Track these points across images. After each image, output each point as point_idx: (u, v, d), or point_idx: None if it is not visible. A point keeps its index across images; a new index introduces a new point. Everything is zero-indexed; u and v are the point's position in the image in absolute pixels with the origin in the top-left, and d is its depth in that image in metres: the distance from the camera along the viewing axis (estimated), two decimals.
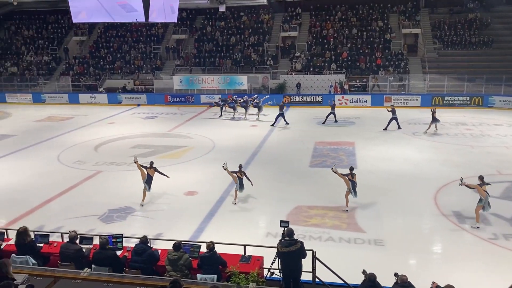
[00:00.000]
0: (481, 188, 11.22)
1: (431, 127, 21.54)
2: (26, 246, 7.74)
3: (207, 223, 11.80)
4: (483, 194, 11.16)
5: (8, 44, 40.68)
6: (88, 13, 14.43)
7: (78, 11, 14.45)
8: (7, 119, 28.02)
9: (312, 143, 19.91)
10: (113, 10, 14.23)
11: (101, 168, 16.93)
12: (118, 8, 14.24)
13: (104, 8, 14.06)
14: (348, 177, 12.46)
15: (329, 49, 34.48)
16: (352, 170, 12.66)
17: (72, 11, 14.48)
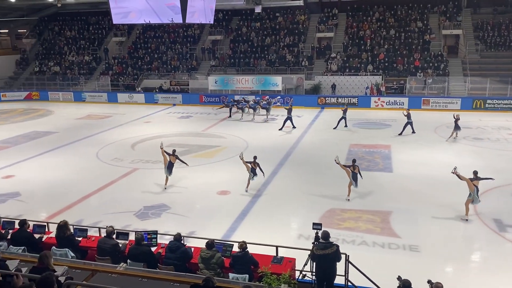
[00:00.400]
0: (470, 182, 11.74)
1: (453, 134, 20.36)
2: (66, 240, 8.02)
3: (240, 223, 11.86)
4: (471, 188, 11.70)
5: (52, 45, 42.31)
6: (137, 14, 14.78)
7: (127, 11, 14.80)
8: (50, 116, 29.15)
9: (347, 146, 19.65)
10: (161, 11, 14.53)
11: (137, 165, 17.33)
12: (166, 10, 14.52)
13: (152, 9, 14.37)
14: (350, 168, 13.22)
15: (365, 50, 33.94)
16: (355, 162, 13.39)
17: (115, 12, 14.90)
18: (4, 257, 6.51)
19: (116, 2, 14.75)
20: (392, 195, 13.78)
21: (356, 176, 13.25)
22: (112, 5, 15.38)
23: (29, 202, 13.71)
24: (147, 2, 14.29)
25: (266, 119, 25.90)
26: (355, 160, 13.66)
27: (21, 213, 12.26)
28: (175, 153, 14.55)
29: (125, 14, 14.95)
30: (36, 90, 36.68)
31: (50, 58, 40.76)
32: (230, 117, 26.79)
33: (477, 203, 11.92)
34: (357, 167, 13.29)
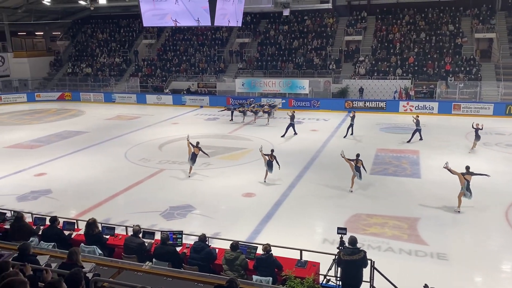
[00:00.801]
0: (462, 176, 12.48)
1: (474, 145, 19.07)
2: (94, 237, 8.21)
3: (264, 226, 11.85)
4: (461, 182, 12.45)
5: (84, 47, 43.49)
6: (173, 16, 15.00)
7: (164, 13, 15.03)
8: (81, 116, 29.93)
9: (374, 150, 19.37)
10: (197, 14, 14.72)
11: (164, 166, 17.57)
12: (202, 12, 14.70)
13: (189, 11, 14.57)
14: (353, 162, 14.19)
15: (394, 54, 33.42)
16: (358, 157, 14.29)
17: (149, 14, 15.19)
18: (35, 252, 6.72)
19: (154, 4, 14.99)
20: (420, 201, 13.50)
21: (359, 169, 14.17)
22: (149, 7, 15.62)
23: (59, 199, 14.11)
24: (184, 5, 14.49)
25: (267, 123, 25.76)
26: (358, 154, 14.48)
27: (52, 210, 12.63)
28: (198, 145, 15.98)
29: (161, 16, 15.19)
30: (69, 90, 37.78)
31: (83, 60, 41.90)
32: (232, 120, 26.70)
33: (469, 197, 12.38)
34: (360, 161, 14.16)
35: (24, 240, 7.75)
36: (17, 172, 17.04)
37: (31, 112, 31.76)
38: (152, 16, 15.87)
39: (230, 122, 26.27)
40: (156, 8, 15.28)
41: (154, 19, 15.77)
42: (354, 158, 14.27)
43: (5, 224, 9.32)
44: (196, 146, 15.91)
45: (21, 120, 28.80)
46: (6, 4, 36.31)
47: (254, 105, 27.63)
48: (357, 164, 14.19)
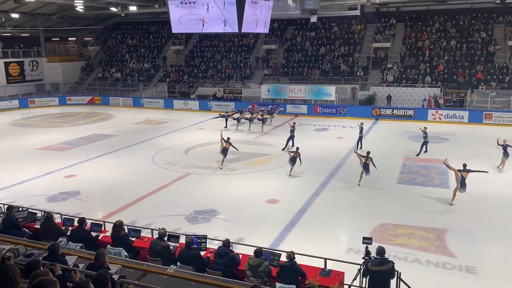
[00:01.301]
0: (457, 172, 13.54)
1: (502, 162, 17.38)
2: (120, 239, 8.35)
3: (288, 233, 11.79)
4: (457, 177, 13.52)
5: (114, 52, 44.53)
6: (209, 22, 15.17)
7: (199, 18, 15.19)
8: (110, 120, 30.59)
9: (401, 159, 19.04)
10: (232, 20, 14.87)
11: (190, 170, 17.74)
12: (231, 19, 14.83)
13: (225, 18, 14.70)
14: (363, 159, 15.48)
15: (424, 61, 32.84)
16: (368, 154, 15.60)
17: (172, 21, 15.43)
18: (64, 252, 6.88)
19: (190, 9, 15.18)
20: (448, 212, 13.18)
21: (367, 166, 15.42)
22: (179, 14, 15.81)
23: (87, 201, 14.43)
24: (221, 11, 14.65)
25: (262, 131, 25.34)
26: (369, 152, 15.89)
27: (80, 211, 12.93)
28: (229, 140, 18.10)
29: (196, 21, 15.35)
30: (99, 95, 38.70)
31: (113, 65, 42.88)
32: (226, 127, 26.07)
33: (462, 192, 13.46)
34: (369, 159, 15.45)
35: (53, 240, 7.95)
36: (47, 173, 17.53)
37: (62, 115, 32.68)
38: (189, 21, 16.08)
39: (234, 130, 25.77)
40: (192, 13, 15.49)
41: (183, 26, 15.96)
42: (365, 155, 15.62)
43: (35, 224, 9.60)
44: (227, 141, 17.93)
45: (52, 122, 29.66)
46: (41, 11, 37.61)
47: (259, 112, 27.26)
48: (366, 161, 15.43)
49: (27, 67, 41.19)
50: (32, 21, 39.77)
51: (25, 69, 40.97)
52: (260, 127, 25.77)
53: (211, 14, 14.75)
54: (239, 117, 26.13)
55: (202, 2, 14.65)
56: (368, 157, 15.48)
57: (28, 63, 41.27)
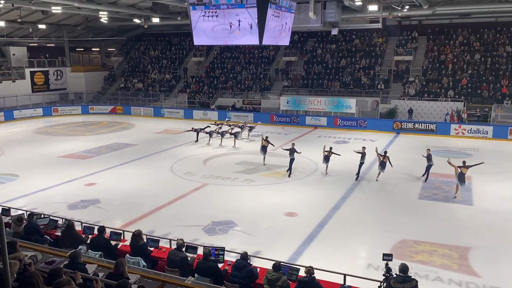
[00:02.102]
0: (457, 168, 15.49)
1: None
2: (139, 249, 8.37)
3: (306, 247, 11.64)
4: (455, 172, 15.53)
5: (137, 63, 45.30)
6: (242, 32, 15.37)
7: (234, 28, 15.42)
8: (131, 129, 30.99)
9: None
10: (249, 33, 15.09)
11: (208, 181, 17.77)
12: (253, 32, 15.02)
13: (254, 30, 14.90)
14: (381, 157, 17.42)
15: (446, 75, 32.39)
16: (386, 153, 17.56)
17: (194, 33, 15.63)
18: (84, 261, 6.92)
19: (224, 18, 15.40)
20: (471, 230, 12.83)
21: (384, 164, 17.27)
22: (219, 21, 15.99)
23: (107, 209, 14.56)
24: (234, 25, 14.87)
25: (234, 145, 24.13)
26: (386, 151, 17.87)
27: (100, 219, 13.03)
28: (267, 138, 20.31)
29: (230, 31, 15.59)
30: (121, 104, 39.31)
31: (135, 75, 43.60)
32: (197, 141, 25.09)
33: (462, 185, 15.37)
34: (387, 157, 17.26)
35: (73, 248, 8.02)
36: (69, 181, 17.80)
37: (85, 124, 33.26)
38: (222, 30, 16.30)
39: (206, 145, 24.53)
40: (224, 22, 15.71)
41: (228, 32, 16.17)
42: (383, 154, 17.52)
43: (56, 231, 9.71)
44: (265, 139, 20.24)
45: (75, 131, 30.20)
46: (67, 22, 38.63)
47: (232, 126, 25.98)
48: (384, 160, 17.17)
49: (52, 76, 42.21)
50: (57, 32, 40.87)
51: (50, 78, 41.98)
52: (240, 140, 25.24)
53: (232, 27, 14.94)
54: (211, 131, 24.97)
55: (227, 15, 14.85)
56: (385, 155, 17.39)
57: (52, 72, 42.29)
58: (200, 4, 16.17)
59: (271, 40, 17.03)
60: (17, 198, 15.46)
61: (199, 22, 15.80)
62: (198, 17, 15.89)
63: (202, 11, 16.43)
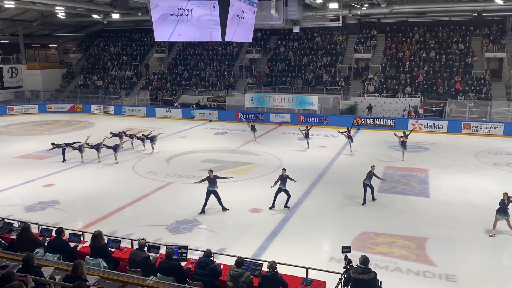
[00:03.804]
0: (399, 138, 20.33)
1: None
2: (99, 250, 8.19)
3: (270, 242, 11.76)
4: (399, 141, 20.59)
5: (96, 60, 44.11)
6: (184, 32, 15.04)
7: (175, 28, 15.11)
8: (91, 128, 30.17)
9: (382, 168, 19.21)
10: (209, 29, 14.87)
11: (172, 179, 17.59)
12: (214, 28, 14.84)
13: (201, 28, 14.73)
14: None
15: (404, 72, 33.43)
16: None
17: (155, 29, 15.37)
18: (40, 263, 6.71)
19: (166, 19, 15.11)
20: (428, 221, 13.33)
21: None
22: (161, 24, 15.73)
23: (67, 210, 14.15)
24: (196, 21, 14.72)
25: (116, 161, 20.41)
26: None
27: (59, 221, 12.64)
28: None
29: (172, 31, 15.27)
30: (80, 102, 38.20)
31: (94, 73, 42.45)
32: (65, 161, 20.44)
33: (405, 150, 20.48)
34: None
35: (30, 251, 7.75)
36: (26, 182, 17.16)
37: (42, 123, 32.10)
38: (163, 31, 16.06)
39: (77, 162, 20.50)
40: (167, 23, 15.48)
41: (166, 34, 15.93)
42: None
43: (11, 235, 9.35)
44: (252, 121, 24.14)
45: (32, 130, 29.10)
46: (21, 17, 37.06)
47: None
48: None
49: (6, 74, 40.44)
50: (11, 28, 39.11)
51: (4, 76, 40.21)
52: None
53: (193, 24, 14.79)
54: (81, 145, 20.65)
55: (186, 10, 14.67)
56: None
57: (7, 69, 40.52)
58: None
59: (234, 37, 16.96)
60: None
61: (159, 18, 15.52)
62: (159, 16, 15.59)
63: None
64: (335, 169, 19.35)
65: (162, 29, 15.10)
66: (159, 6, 14.40)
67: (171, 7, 14.46)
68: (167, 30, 15.10)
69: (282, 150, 23.05)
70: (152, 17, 15.63)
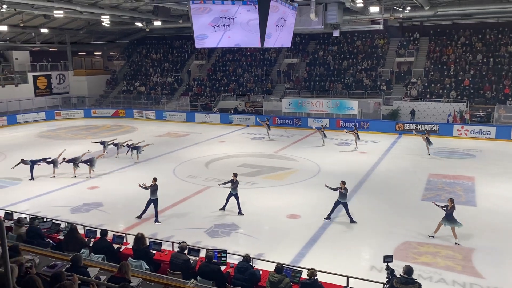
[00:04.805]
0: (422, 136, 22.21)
1: None
2: (141, 252, 8.36)
3: (309, 249, 11.61)
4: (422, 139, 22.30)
5: (139, 66, 45.41)
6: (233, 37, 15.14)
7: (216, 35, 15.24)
8: (133, 133, 31.01)
9: (426, 175, 18.63)
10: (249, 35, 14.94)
11: (210, 183, 17.76)
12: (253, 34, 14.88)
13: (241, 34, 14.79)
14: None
15: (449, 76, 32.33)
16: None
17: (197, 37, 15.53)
18: (86, 264, 6.92)
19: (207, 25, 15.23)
20: (475, 231, 12.76)
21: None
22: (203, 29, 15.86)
23: (110, 212, 14.58)
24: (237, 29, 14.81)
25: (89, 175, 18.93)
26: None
27: (103, 222, 13.04)
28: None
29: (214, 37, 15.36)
30: (123, 108, 39.39)
31: (137, 79, 43.69)
32: (32, 179, 18.59)
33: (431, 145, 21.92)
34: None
35: (76, 251, 8.01)
36: (71, 184, 17.84)
37: (87, 128, 33.32)
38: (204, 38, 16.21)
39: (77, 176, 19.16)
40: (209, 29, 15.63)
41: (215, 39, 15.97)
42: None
43: (59, 235, 9.72)
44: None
45: (77, 135, 30.25)
46: (69, 26, 38.76)
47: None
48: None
49: (54, 80, 42.34)
50: (60, 36, 41.00)
51: (52, 82, 42.13)
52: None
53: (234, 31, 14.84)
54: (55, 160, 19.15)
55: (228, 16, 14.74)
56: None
57: (55, 76, 42.43)
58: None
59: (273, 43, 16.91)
60: (20, 202, 15.50)
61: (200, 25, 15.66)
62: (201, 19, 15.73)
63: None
64: (376, 176, 18.91)
65: (213, 34, 15.20)
66: (212, 10, 14.53)
67: (223, 11, 14.57)
68: (217, 35, 15.21)
69: (320, 155, 22.79)
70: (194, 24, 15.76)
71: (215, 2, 14.42)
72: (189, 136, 29.34)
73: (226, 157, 22.82)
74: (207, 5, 14.47)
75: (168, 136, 29.55)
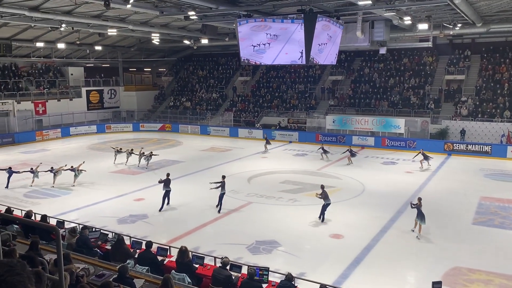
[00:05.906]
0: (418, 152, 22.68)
1: None
2: (185, 265, 8.46)
3: (352, 270, 11.31)
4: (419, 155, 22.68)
5: (186, 82, 46.66)
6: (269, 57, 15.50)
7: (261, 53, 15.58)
8: (179, 147, 31.75)
9: (477, 198, 17.77)
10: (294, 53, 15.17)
11: (252, 199, 17.78)
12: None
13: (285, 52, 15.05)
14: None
15: (502, 95, 30.93)
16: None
17: (242, 54, 15.87)
18: (131, 275, 7.07)
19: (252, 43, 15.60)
20: None
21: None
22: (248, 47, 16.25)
23: (154, 224, 14.89)
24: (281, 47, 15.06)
25: (53, 185, 19.50)
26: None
27: (147, 234, 13.31)
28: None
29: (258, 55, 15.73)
30: (169, 122, 40.48)
31: (183, 94, 44.88)
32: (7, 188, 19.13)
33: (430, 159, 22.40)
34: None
35: (122, 261, 8.22)
36: (119, 196, 18.41)
37: (135, 141, 34.42)
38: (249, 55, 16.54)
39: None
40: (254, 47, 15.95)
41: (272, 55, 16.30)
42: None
43: (106, 245, 10.02)
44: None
45: (126, 147, 31.28)
46: (121, 43, 40.61)
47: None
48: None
49: (106, 95, 44.25)
50: (112, 53, 43.00)
51: (104, 97, 44.03)
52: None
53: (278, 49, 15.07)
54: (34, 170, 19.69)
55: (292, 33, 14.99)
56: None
57: (107, 91, 44.36)
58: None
59: (319, 60, 16.97)
60: (70, 211, 16.16)
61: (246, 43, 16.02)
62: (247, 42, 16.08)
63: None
64: (423, 197, 18.17)
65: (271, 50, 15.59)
66: (272, 27, 14.90)
67: (282, 29, 14.90)
68: (275, 51, 15.59)
69: (365, 174, 22.31)
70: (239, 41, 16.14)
71: (266, 20, 14.74)
72: (232, 151, 29.65)
73: (268, 173, 22.81)
74: (266, 23, 14.84)
75: (212, 150, 29.99)
